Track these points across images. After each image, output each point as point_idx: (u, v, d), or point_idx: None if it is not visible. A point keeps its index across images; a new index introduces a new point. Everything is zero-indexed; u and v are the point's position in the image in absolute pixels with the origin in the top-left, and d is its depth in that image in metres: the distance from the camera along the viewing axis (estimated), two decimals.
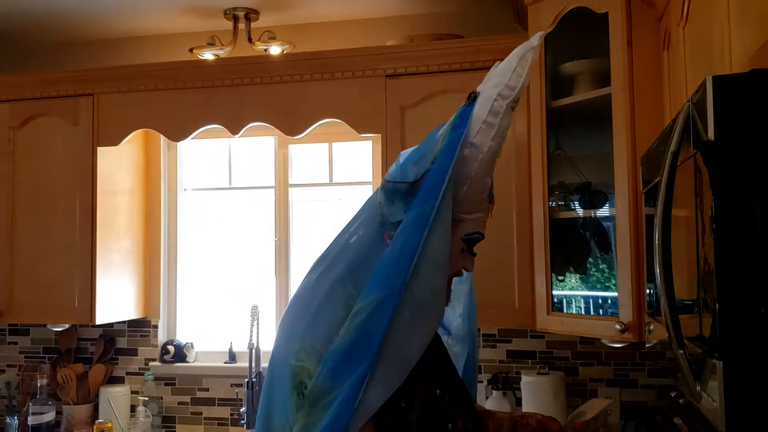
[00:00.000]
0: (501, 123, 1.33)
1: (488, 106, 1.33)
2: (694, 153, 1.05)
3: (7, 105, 2.82)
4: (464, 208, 1.36)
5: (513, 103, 1.34)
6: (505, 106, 1.33)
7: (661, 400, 2.47)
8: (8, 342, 3.15)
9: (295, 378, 1.25)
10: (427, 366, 1.31)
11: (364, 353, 1.18)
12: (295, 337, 1.29)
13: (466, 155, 1.32)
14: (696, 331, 1.08)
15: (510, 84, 1.34)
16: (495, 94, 1.33)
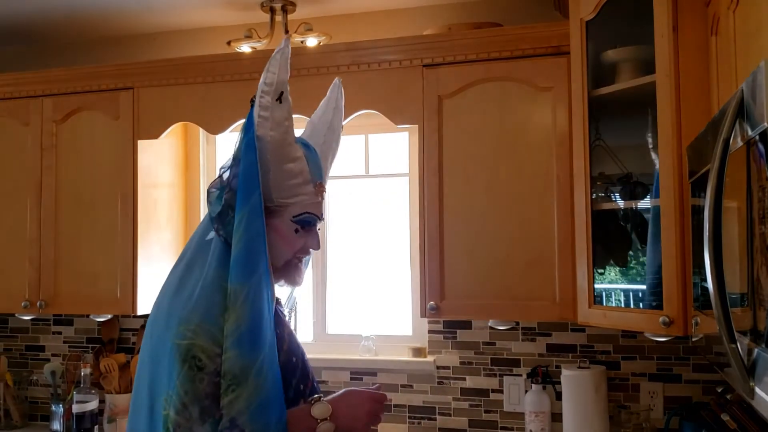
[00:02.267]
0: (273, 115, 1.53)
1: (258, 103, 1.54)
2: (747, 140, 1.01)
3: (51, 99, 2.87)
4: (281, 194, 1.58)
5: (276, 96, 1.53)
6: (271, 99, 1.53)
7: (706, 395, 2.41)
8: (53, 332, 3.22)
9: (185, 354, 1.42)
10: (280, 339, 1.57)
11: (265, 328, 1.46)
12: (175, 321, 1.47)
13: (259, 147, 1.53)
14: (748, 325, 1.05)
15: (266, 82, 1.54)
16: (260, 92, 1.54)
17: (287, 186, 1.59)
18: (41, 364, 3.16)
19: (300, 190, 1.60)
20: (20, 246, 2.86)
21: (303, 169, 1.59)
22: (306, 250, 1.65)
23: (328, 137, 1.78)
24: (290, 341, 1.63)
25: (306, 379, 1.62)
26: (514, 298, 2.33)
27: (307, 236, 1.64)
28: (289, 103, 1.57)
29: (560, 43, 2.30)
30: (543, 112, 2.35)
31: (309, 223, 1.63)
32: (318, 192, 1.64)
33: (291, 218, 1.60)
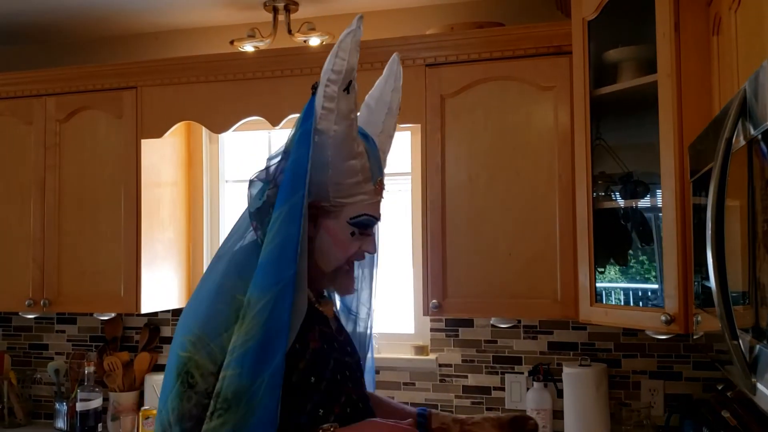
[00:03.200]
0: (339, 107, 1.37)
1: (322, 92, 1.37)
2: (750, 139, 1.02)
3: (54, 98, 2.88)
4: (339, 194, 1.43)
5: (344, 86, 1.37)
6: (337, 90, 1.37)
7: (707, 393, 2.43)
8: (56, 330, 3.23)
9: (181, 368, 1.30)
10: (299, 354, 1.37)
11: (278, 345, 1.27)
12: (184, 330, 1.34)
13: (318, 142, 1.38)
14: (749, 323, 1.06)
15: (335, 69, 1.37)
16: (325, 80, 1.37)
17: (347, 185, 1.44)
18: (45, 362, 3.18)
19: (359, 189, 1.46)
20: (24, 245, 2.87)
21: (364, 166, 1.45)
22: (361, 254, 1.51)
23: (387, 123, 1.62)
24: (316, 359, 1.40)
25: (331, 403, 1.40)
26: (515, 296, 2.35)
27: (363, 239, 1.49)
28: (356, 93, 1.40)
29: (562, 42, 2.31)
30: (545, 112, 2.36)
31: (366, 225, 1.48)
32: (378, 190, 1.50)
33: (348, 220, 1.46)
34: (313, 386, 1.37)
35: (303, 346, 1.38)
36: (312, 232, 1.45)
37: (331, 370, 1.41)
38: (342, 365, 1.46)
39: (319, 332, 1.45)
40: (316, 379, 1.38)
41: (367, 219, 1.47)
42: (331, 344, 1.47)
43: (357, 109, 1.42)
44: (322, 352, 1.42)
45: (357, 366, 1.56)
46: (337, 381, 1.42)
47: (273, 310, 1.28)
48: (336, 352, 1.46)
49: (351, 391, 1.45)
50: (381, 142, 1.58)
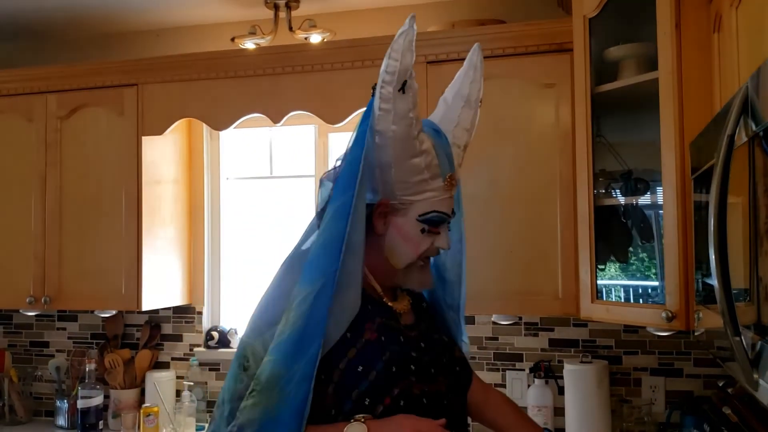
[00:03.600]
0: (396, 107, 1.39)
1: (378, 94, 1.40)
2: (752, 136, 1.02)
3: (55, 96, 2.88)
4: (405, 192, 1.46)
5: (399, 86, 1.38)
6: (393, 90, 1.38)
7: (707, 390, 2.43)
8: (57, 328, 3.24)
9: (240, 352, 1.41)
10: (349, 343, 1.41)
11: (314, 337, 1.32)
12: (250, 319, 1.46)
13: (378, 143, 1.41)
14: (751, 320, 1.06)
15: (388, 70, 1.39)
16: (381, 82, 1.39)
17: (412, 183, 1.45)
18: (46, 359, 3.18)
19: (426, 186, 1.46)
20: (25, 242, 2.87)
21: (431, 163, 1.45)
22: (434, 250, 1.52)
23: (463, 116, 1.59)
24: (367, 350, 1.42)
25: (380, 394, 1.40)
26: (517, 293, 2.35)
27: (435, 236, 1.50)
28: (414, 91, 1.41)
29: (563, 40, 2.31)
30: (546, 109, 2.36)
31: (437, 222, 1.49)
32: (448, 186, 1.49)
33: (417, 217, 1.47)
34: (360, 375, 1.39)
35: (356, 336, 1.42)
36: (382, 229, 1.49)
37: (384, 362, 1.42)
38: (403, 359, 1.46)
39: (379, 324, 1.47)
40: (364, 368, 1.40)
41: (436, 216, 1.48)
42: (392, 337, 1.47)
43: (417, 107, 1.42)
44: (377, 344, 1.44)
45: (433, 362, 1.53)
46: (392, 373, 1.42)
47: (312, 304, 1.33)
48: (396, 346, 1.46)
49: (413, 385, 1.44)
50: (456, 136, 1.57)
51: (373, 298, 1.50)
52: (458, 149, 1.57)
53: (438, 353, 1.57)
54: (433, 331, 1.62)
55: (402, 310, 1.55)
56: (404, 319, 1.54)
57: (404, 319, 1.54)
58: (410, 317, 1.57)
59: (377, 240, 1.50)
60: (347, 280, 1.38)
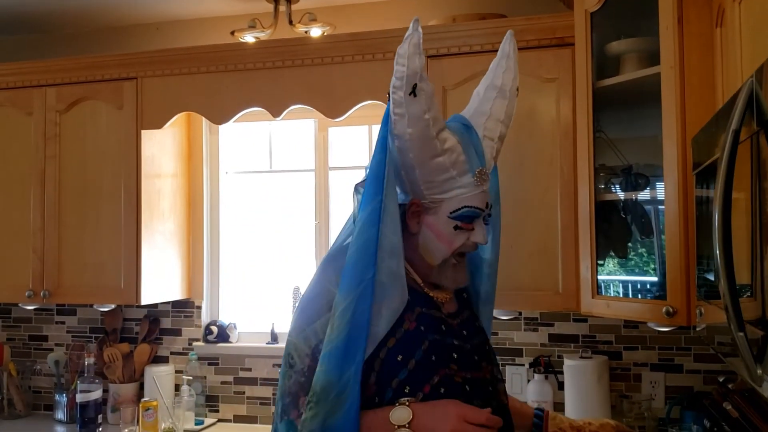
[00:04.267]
0: (409, 111, 1.41)
1: (391, 99, 1.44)
2: (757, 131, 1.02)
3: (54, 89, 2.87)
4: (432, 191, 1.48)
5: (410, 90, 1.41)
6: (404, 95, 1.41)
7: (707, 385, 2.43)
8: (56, 322, 3.23)
9: (286, 350, 1.46)
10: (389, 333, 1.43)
11: (360, 343, 1.37)
12: (294, 316, 1.50)
13: (398, 146, 1.45)
14: (755, 315, 1.06)
15: (396, 76, 1.43)
16: (391, 87, 1.44)
17: (438, 182, 1.47)
18: (44, 353, 3.18)
19: (455, 184, 1.48)
20: (24, 236, 2.87)
21: (456, 161, 1.47)
22: (470, 246, 1.53)
23: (495, 107, 1.58)
24: (406, 339, 1.45)
25: (419, 382, 1.42)
26: (517, 289, 2.34)
27: (470, 231, 1.51)
28: (427, 93, 1.43)
29: (565, 34, 2.30)
30: (547, 103, 2.35)
31: (469, 217, 1.49)
32: (479, 181, 1.49)
33: (448, 215, 1.48)
34: (400, 364, 1.42)
35: (395, 326, 1.44)
36: (416, 228, 1.52)
37: (424, 351, 1.44)
38: (444, 347, 1.48)
39: (419, 314, 1.49)
40: (404, 357, 1.43)
41: (468, 211, 1.49)
42: (433, 327, 1.49)
43: (434, 108, 1.44)
44: (416, 333, 1.46)
45: (475, 350, 1.55)
46: (431, 362, 1.44)
47: (354, 311, 1.38)
48: (437, 334, 1.48)
49: (454, 373, 1.46)
50: (489, 128, 1.57)
51: (414, 290, 1.52)
52: (491, 141, 1.56)
53: (482, 341, 1.60)
54: (475, 319, 1.65)
55: (444, 300, 1.57)
56: (446, 308, 1.57)
57: (446, 308, 1.57)
58: (453, 306, 1.60)
59: (412, 238, 1.53)
60: (391, 282, 1.42)
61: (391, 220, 1.41)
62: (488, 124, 1.57)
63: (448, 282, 1.55)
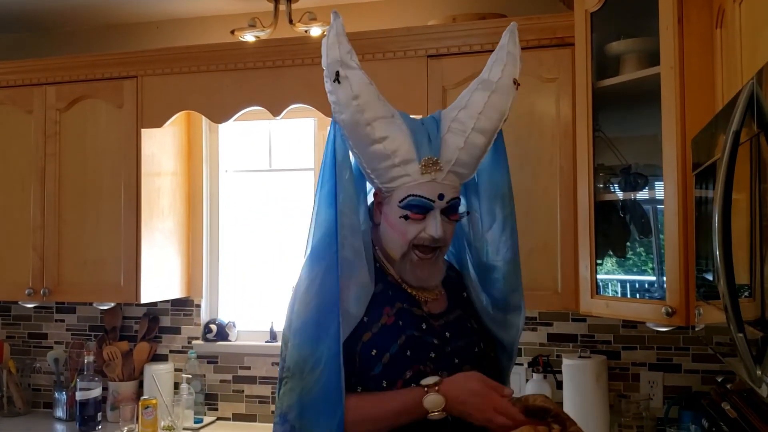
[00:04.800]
0: (338, 97, 1.48)
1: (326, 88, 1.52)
2: (757, 133, 1.02)
3: (54, 88, 2.87)
4: (382, 179, 1.50)
5: (334, 77, 1.48)
6: (331, 83, 1.48)
7: (705, 385, 2.44)
8: (55, 320, 3.23)
9: (281, 342, 1.52)
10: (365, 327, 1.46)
11: (331, 318, 1.40)
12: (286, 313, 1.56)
13: (342, 134, 1.51)
14: (754, 315, 1.06)
15: (322, 65, 1.51)
16: (324, 78, 1.51)
17: (382, 170, 1.48)
18: (44, 351, 3.18)
19: (400, 172, 1.48)
20: (24, 234, 2.87)
21: (398, 149, 1.47)
22: (426, 239, 1.49)
23: (474, 98, 1.55)
24: (382, 334, 1.46)
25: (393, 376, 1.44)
26: None
27: (422, 223, 1.48)
28: (354, 81, 1.47)
29: (565, 34, 2.30)
30: (547, 103, 2.36)
31: (417, 207, 1.48)
32: (426, 170, 1.47)
33: (398, 204, 1.49)
34: (374, 359, 1.44)
35: (372, 320, 1.47)
36: (378, 219, 1.56)
37: (400, 345, 1.45)
38: (422, 344, 1.47)
39: (399, 309, 1.50)
40: (378, 352, 1.44)
41: (414, 200, 1.47)
42: (412, 322, 1.49)
43: (366, 95, 1.48)
44: (394, 328, 1.47)
45: (457, 352, 1.53)
46: (406, 357, 1.45)
47: (321, 285, 1.43)
48: (416, 330, 1.48)
49: (429, 371, 1.46)
50: (461, 120, 1.53)
51: (397, 285, 1.53)
52: (461, 134, 1.52)
53: (469, 344, 1.57)
54: (468, 321, 1.61)
55: (426, 298, 1.56)
56: (430, 307, 1.56)
57: (430, 307, 1.56)
58: (439, 305, 1.58)
59: (378, 230, 1.56)
60: (355, 258, 1.45)
61: (349, 200, 1.47)
62: (461, 116, 1.55)
63: (410, 278, 1.53)
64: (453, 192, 1.52)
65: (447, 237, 1.54)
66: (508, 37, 1.62)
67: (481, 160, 1.58)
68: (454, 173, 1.52)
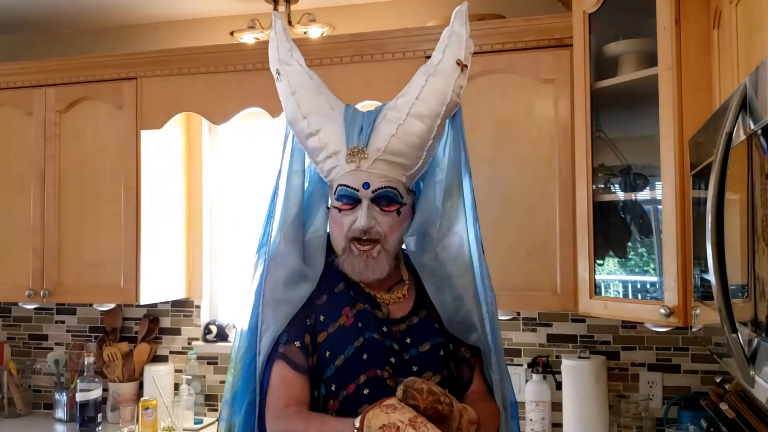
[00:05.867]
0: (280, 92, 1.58)
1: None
2: (750, 134, 1.02)
3: (54, 89, 2.87)
4: (324, 173, 1.52)
5: (276, 75, 1.59)
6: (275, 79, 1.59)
7: (705, 385, 2.44)
8: (56, 321, 3.24)
9: None
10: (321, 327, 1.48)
11: (255, 307, 1.48)
12: None
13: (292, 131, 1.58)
14: (749, 316, 1.06)
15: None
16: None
17: (321, 162, 1.50)
18: (44, 352, 3.19)
19: (331, 164, 1.47)
20: (24, 235, 2.87)
21: (328, 141, 1.47)
22: (356, 231, 1.44)
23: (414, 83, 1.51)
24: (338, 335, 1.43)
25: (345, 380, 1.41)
26: (515, 289, 2.35)
27: (354, 213, 1.45)
28: (292, 77, 1.55)
29: (563, 35, 2.31)
30: (545, 104, 2.36)
31: (345, 197, 1.45)
32: (351, 158, 1.44)
33: (333, 196, 1.49)
34: (328, 360, 1.43)
35: (330, 320, 1.46)
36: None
37: (356, 348, 1.42)
38: (381, 348, 1.44)
39: (360, 310, 1.47)
40: (332, 353, 1.43)
41: (342, 190, 1.45)
42: (372, 325, 1.45)
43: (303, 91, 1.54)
44: (352, 330, 1.44)
45: (417, 359, 1.47)
46: (361, 360, 1.41)
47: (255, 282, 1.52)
48: (376, 333, 1.44)
49: (388, 376, 1.42)
50: (397, 107, 1.49)
51: (358, 285, 1.51)
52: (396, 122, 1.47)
53: (434, 347, 1.51)
54: (435, 322, 1.54)
55: (389, 301, 1.52)
56: (392, 310, 1.52)
57: (392, 310, 1.52)
58: (401, 309, 1.53)
59: None
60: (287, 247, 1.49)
61: (294, 194, 1.52)
62: (398, 103, 1.51)
63: (349, 272, 1.48)
64: (383, 181, 1.45)
65: (383, 230, 1.46)
66: (454, 18, 1.53)
67: (428, 148, 1.49)
68: (386, 162, 1.45)
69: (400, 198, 1.47)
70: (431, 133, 1.48)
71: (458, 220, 1.57)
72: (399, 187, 1.47)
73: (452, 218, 1.56)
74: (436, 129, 1.48)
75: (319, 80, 1.58)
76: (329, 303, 1.47)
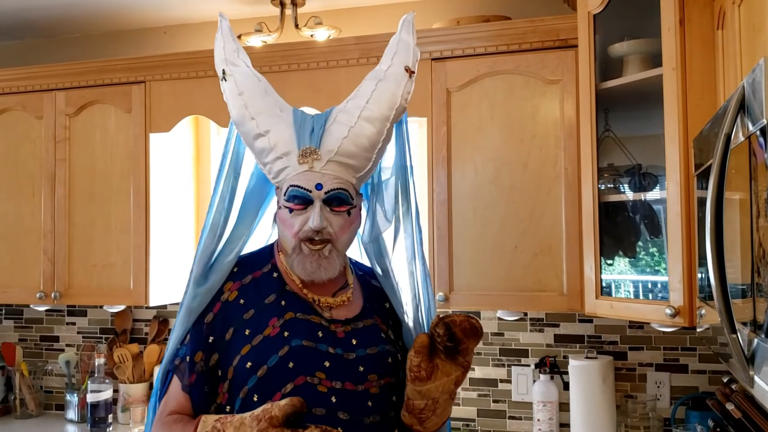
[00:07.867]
0: (226, 94, 1.56)
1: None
2: (749, 135, 1.03)
3: (63, 93, 2.90)
4: (272, 174, 1.52)
5: (221, 75, 1.57)
6: (220, 81, 1.58)
7: (712, 385, 2.44)
8: (67, 323, 3.27)
9: None
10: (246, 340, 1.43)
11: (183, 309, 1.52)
12: None
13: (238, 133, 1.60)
14: (749, 316, 1.07)
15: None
16: None
17: (269, 163, 1.49)
18: (56, 354, 3.22)
19: (280, 165, 1.47)
20: (35, 238, 2.91)
21: (278, 142, 1.47)
22: (308, 231, 1.43)
23: (363, 88, 1.56)
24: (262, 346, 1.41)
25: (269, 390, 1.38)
26: (522, 289, 2.36)
27: (305, 214, 1.44)
28: (237, 78, 1.54)
29: (568, 36, 2.31)
30: (551, 105, 2.36)
31: (298, 198, 1.44)
32: (303, 159, 1.45)
33: (283, 197, 1.47)
34: (249, 371, 1.40)
35: (255, 333, 1.43)
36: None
37: (281, 357, 1.39)
38: (312, 354, 1.41)
39: (288, 319, 1.44)
40: (254, 364, 1.40)
41: (293, 191, 1.45)
42: (302, 332, 1.43)
43: (250, 92, 1.53)
44: (276, 339, 1.42)
45: (363, 360, 1.45)
46: (287, 369, 1.39)
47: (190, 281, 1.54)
48: (305, 340, 1.42)
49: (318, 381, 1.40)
50: (347, 111, 1.52)
51: (294, 293, 1.49)
52: (347, 124, 1.49)
53: (383, 353, 1.49)
54: (382, 332, 1.53)
55: (332, 304, 1.50)
56: (335, 313, 1.50)
57: (335, 313, 1.50)
58: (346, 312, 1.51)
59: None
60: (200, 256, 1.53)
61: (220, 201, 1.56)
62: (349, 106, 1.54)
63: (299, 272, 1.46)
64: (336, 183, 1.46)
65: (334, 230, 1.46)
66: (401, 26, 1.59)
67: (377, 151, 1.52)
68: (338, 163, 1.47)
69: (350, 199, 1.49)
70: (381, 136, 1.52)
71: (407, 224, 1.62)
72: (350, 188, 1.49)
73: (403, 223, 1.61)
74: (385, 132, 1.53)
75: (266, 82, 1.58)
76: (256, 316, 1.45)
